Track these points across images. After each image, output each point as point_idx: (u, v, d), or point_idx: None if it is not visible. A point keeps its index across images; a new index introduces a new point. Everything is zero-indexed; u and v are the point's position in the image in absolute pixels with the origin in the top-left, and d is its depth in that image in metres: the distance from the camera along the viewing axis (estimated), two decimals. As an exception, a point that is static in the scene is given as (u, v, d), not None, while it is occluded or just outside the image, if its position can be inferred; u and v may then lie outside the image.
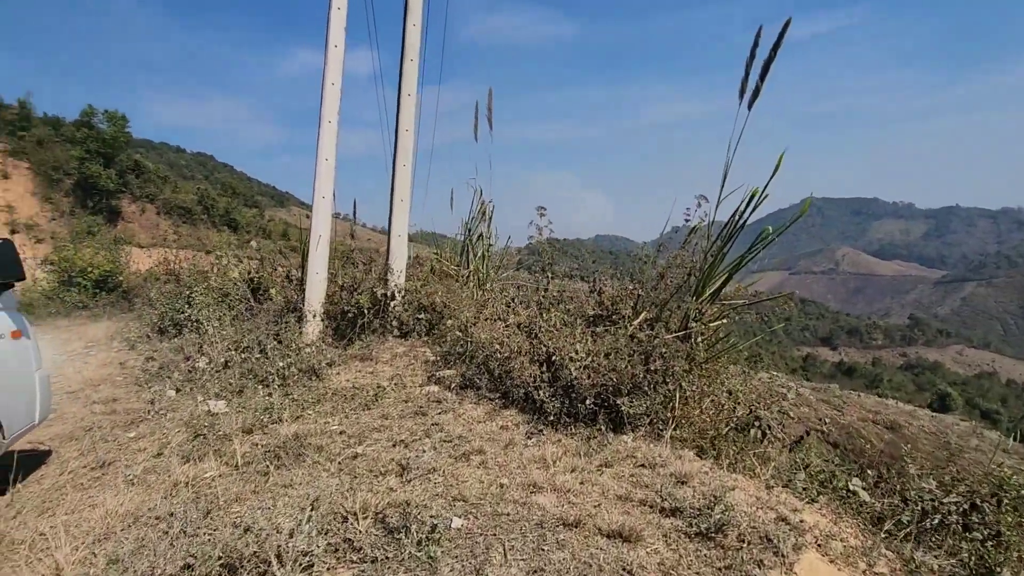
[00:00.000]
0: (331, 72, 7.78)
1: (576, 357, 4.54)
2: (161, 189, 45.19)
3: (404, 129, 8.50)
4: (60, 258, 20.32)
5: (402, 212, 8.46)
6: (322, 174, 7.83)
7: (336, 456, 3.73)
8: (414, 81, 8.47)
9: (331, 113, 7.81)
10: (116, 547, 2.59)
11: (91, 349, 10.11)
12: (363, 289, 7.85)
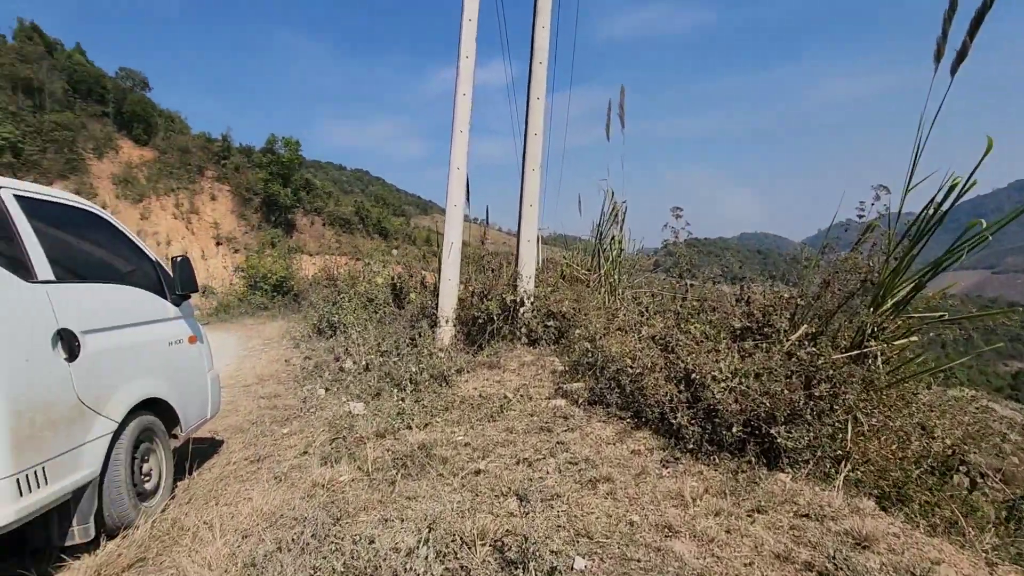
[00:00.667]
0: (462, 83, 7.95)
1: (720, 376, 4.00)
2: (326, 203, 50.97)
3: (533, 133, 8.41)
4: (248, 266, 23.83)
5: (531, 217, 8.37)
6: (454, 182, 8.02)
7: (459, 470, 3.66)
8: (543, 84, 8.34)
9: (462, 123, 7.97)
10: (255, 548, 2.72)
11: (266, 346, 11.54)
12: (493, 295, 7.89)
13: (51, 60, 35.98)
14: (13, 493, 2.40)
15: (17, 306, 2.55)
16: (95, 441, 2.91)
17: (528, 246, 8.33)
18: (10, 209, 2.69)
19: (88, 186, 33.38)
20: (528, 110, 8.48)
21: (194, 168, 41.43)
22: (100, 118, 37.27)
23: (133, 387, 3.26)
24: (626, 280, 8.83)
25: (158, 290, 3.77)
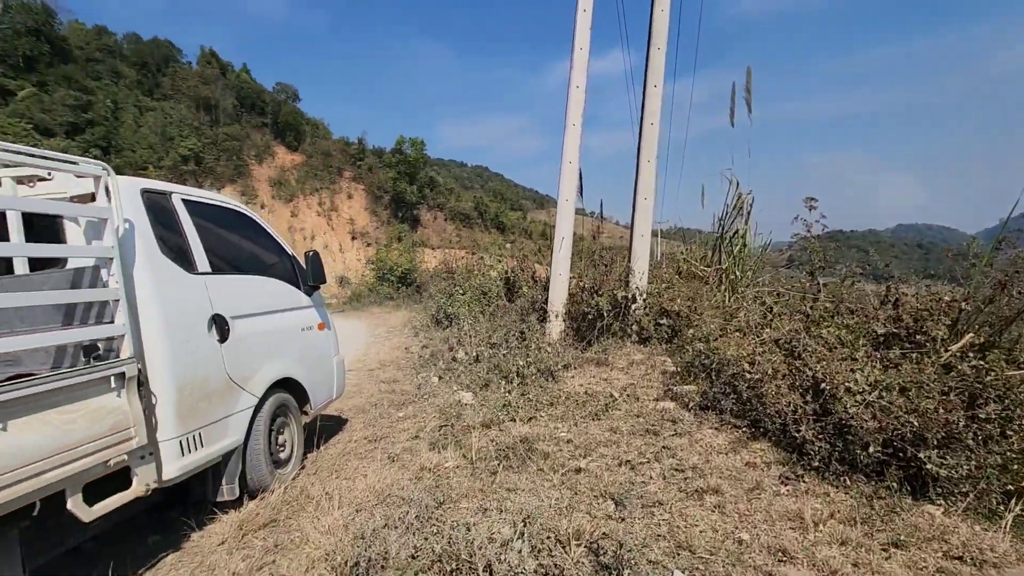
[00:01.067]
0: (576, 75, 7.85)
1: (856, 388, 3.54)
2: (448, 199, 53.47)
3: (649, 123, 8.08)
4: (377, 259, 25.81)
5: (645, 211, 8.06)
6: (566, 176, 7.97)
7: (560, 467, 3.64)
8: (660, 71, 7.97)
9: (575, 116, 7.88)
10: (365, 522, 2.94)
11: (390, 334, 12.42)
12: (604, 291, 7.74)
13: (224, 80, 41.77)
14: (177, 453, 2.83)
15: (181, 294, 2.99)
16: (240, 413, 3.33)
17: (642, 241, 8.04)
18: (178, 210, 3.16)
19: (251, 188, 38.23)
20: (644, 99, 8.16)
21: (334, 170, 45.64)
22: (260, 128, 42.49)
23: (272, 367, 3.68)
24: (750, 277, 8.17)
25: (293, 281, 4.20)
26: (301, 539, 2.94)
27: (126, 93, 34.73)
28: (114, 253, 2.58)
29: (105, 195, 2.61)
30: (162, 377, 2.78)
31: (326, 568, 2.58)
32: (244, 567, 2.71)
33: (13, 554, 2.21)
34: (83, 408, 2.38)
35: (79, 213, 2.56)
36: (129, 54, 39.36)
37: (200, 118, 36.79)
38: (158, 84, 38.87)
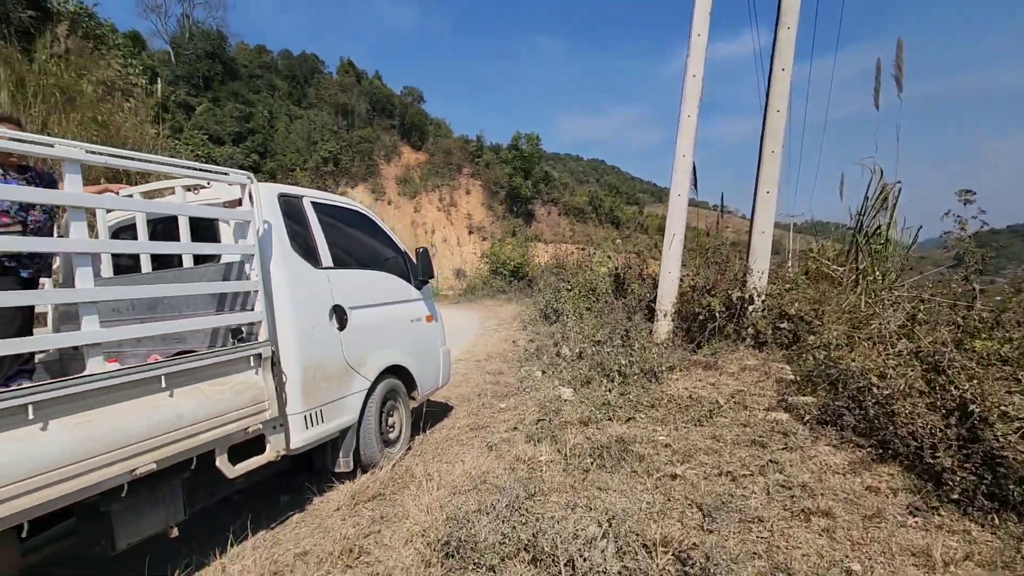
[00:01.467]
0: (693, 63, 7.49)
1: (1014, 413, 3.05)
2: (562, 194, 53.47)
3: (775, 110, 7.48)
4: (491, 253, 26.66)
5: (767, 205, 7.49)
6: (679, 170, 7.65)
7: (655, 471, 3.56)
8: (789, 53, 7.33)
9: (691, 107, 7.53)
10: (459, 505, 3.12)
11: (499, 327, 12.81)
12: (717, 291, 7.34)
13: (359, 87, 45.50)
14: (302, 426, 3.21)
15: (308, 287, 3.38)
16: (355, 394, 3.69)
17: (762, 238, 7.49)
18: (307, 212, 3.56)
19: (380, 186, 41.31)
20: (770, 83, 7.56)
21: (454, 166, 47.69)
22: (389, 130, 45.69)
23: (384, 354, 4.02)
24: (892, 280, 7.26)
25: (405, 276, 4.53)
26: (403, 514, 3.20)
27: (279, 104, 39.16)
28: (255, 250, 2.99)
29: (249, 200, 3.03)
30: (291, 359, 3.18)
31: (422, 543, 2.79)
32: (353, 533, 3.01)
33: (177, 499, 2.67)
34: (230, 382, 2.81)
35: (229, 216, 3.01)
36: (282, 68, 44.35)
37: (338, 123, 40.46)
38: (305, 94, 43.34)
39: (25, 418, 1.94)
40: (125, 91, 12.90)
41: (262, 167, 33.76)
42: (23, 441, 1.92)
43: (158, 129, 13.16)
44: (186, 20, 40.44)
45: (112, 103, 11.77)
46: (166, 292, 2.94)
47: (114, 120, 11.07)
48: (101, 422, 2.17)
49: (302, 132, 37.78)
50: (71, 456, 2.04)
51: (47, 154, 2.13)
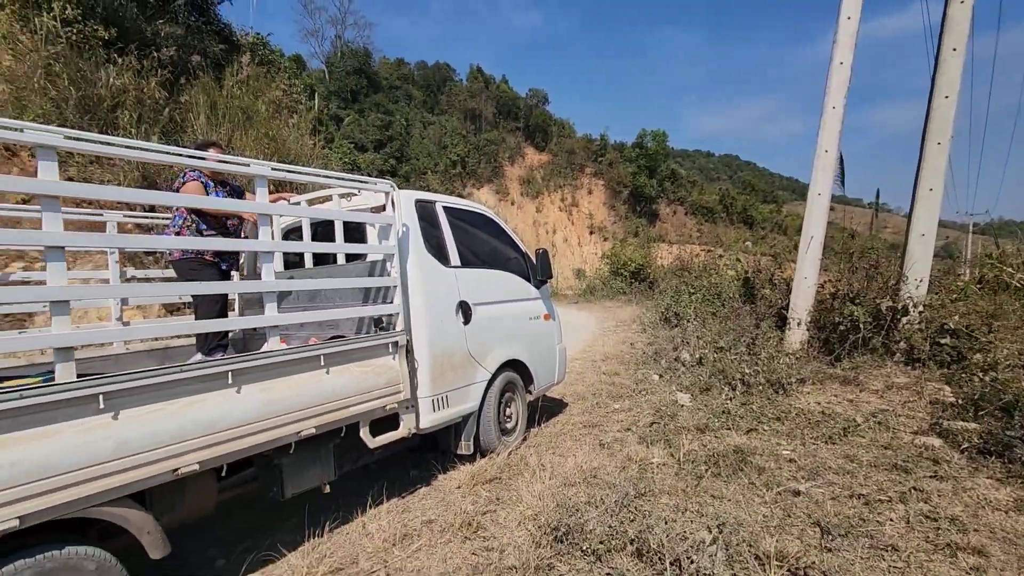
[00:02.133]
0: (840, 50, 6.87)
1: None
2: (689, 192, 51.09)
3: (943, 96, 6.62)
4: (611, 253, 26.36)
5: (930, 205, 6.65)
6: (820, 168, 7.07)
7: (775, 485, 3.40)
8: (963, 30, 6.44)
9: (837, 98, 6.91)
10: (569, 496, 3.26)
11: (617, 328, 12.70)
12: (862, 299, 6.68)
13: (487, 92, 47.38)
14: (430, 408, 3.57)
15: (439, 284, 3.74)
16: (477, 384, 3.99)
17: (922, 241, 6.66)
18: (439, 216, 3.93)
19: (504, 187, 42.67)
20: (936, 67, 6.70)
21: (576, 166, 47.72)
22: (513, 132, 46.99)
23: (503, 349, 4.29)
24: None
25: (525, 275, 4.77)
26: (517, 498, 3.42)
27: (415, 112, 42.13)
28: (395, 250, 3.39)
29: (391, 206, 3.44)
30: (422, 348, 3.54)
31: (532, 526, 2.98)
32: (472, 509, 3.29)
33: (328, 461, 3.14)
34: (372, 364, 3.22)
35: (375, 220, 3.44)
36: (418, 79, 47.63)
37: (466, 127, 42.48)
38: (437, 102, 46.15)
39: (225, 382, 2.44)
40: (289, 108, 14.84)
41: (398, 171, 36.63)
42: (225, 401, 2.42)
43: (314, 140, 14.95)
44: (338, 41, 45.12)
45: (280, 119, 13.62)
46: (325, 285, 3.45)
47: (280, 134, 12.82)
48: (278, 390, 2.64)
49: (434, 137, 40.31)
50: (256, 416, 2.52)
51: (245, 172, 2.64)
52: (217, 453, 2.35)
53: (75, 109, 9.15)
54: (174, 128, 10.83)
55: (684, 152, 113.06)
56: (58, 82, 9.07)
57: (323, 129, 19.02)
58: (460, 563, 2.77)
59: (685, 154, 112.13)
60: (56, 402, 1.89)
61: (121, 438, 2.04)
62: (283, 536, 3.11)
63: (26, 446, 1.83)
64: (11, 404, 1.79)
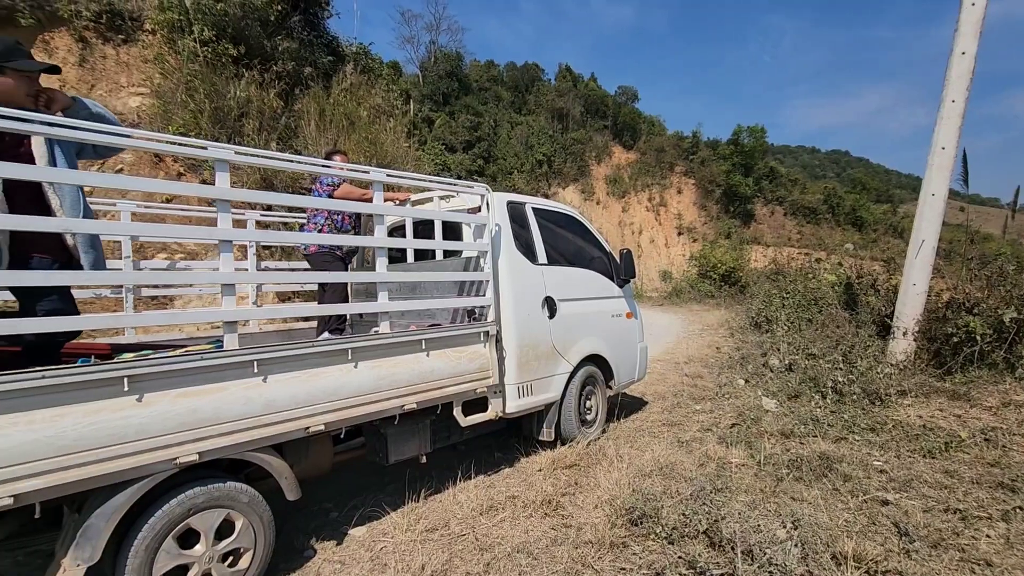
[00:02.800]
0: (962, 39, 6.37)
1: None
2: (789, 191, 48.02)
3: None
4: (700, 255, 25.51)
5: (1067, 206, 5.97)
6: (935, 166, 6.60)
7: (861, 493, 3.34)
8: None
9: (957, 91, 6.42)
10: (644, 484, 3.41)
11: (703, 332, 12.41)
12: (981, 309, 6.15)
13: (575, 91, 47.32)
14: (515, 395, 3.85)
15: (527, 280, 4.01)
16: (559, 376, 4.23)
17: (1056, 246, 6.01)
18: (529, 216, 4.20)
19: (590, 187, 42.47)
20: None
21: (666, 165, 46.44)
22: (601, 131, 46.55)
23: (585, 343, 4.49)
24: None
25: (608, 274, 4.93)
26: (594, 484, 3.62)
27: (503, 113, 42.99)
28: (488, 247, 3.70)
29: (486, 207, 3.75)
30: (510, 338, 3.83)
31: (608, 508, 3.17)
32: (552, 490, 3.53)
33: (424, 436, 3.51)
34: (466, 351, 3.55)
35: (471, 220, 3.78)
36: (507, 80, 48.49)
37: (553, 127, 42.71)
38: (525, 102, 46.75)
39: (346, 358, 2.86)
40: (387, 113, 15.87)
41: (485, 170, 37.60)
42: (345, 374, 2.84)
43: (409, 143, 15.87)
44: (432, 46, 47.01)
45: (379, 124, 14.63)
46: (427, 278, 3.84)
47: (379, 138, 13.77)
48: (386, 368, 3.04)
49: (521, 137, 40.93)
50: (369, 389, 2.92)
51: (367, 178, 3.06)
52: (339, 417, 2.77)
53: (209, 119, 10.46)
54: (289, 134, 12.02)
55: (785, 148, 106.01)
56: (196, 96, 10.42)
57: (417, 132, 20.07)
58: (540, 535, 3.02)
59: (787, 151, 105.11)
60: (225, 364, 2.37)
61: (269, 397, 2.50)
62: (386, 498, 3.54)
63: (203, 398, 2.31)
64: (194, 364, 2.28)
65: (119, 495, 2.10)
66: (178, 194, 3.32)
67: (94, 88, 10.47)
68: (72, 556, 2.02)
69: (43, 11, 10.06)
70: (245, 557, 2.49)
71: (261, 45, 11.68)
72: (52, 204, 2.25)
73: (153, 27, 10.80)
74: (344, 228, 4.21)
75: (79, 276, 2.45)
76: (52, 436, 1.92)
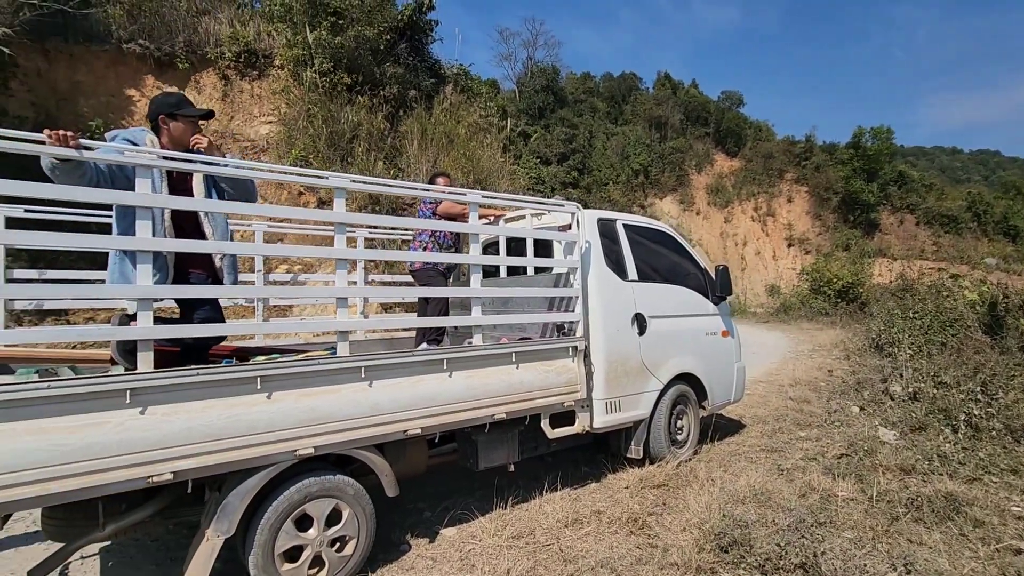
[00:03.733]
0: None
1: None
2: (923, 197, 43.18)
3: None
4: (813, 269, 23.58)
5: None
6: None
7: (994, 540, 2.98)
8: None
9: None
10: (739, 512, 3.28)
11: (814, 352, 11.50)
12: None
13: (674, 98, 45.98)
14: (603, 410, 3.88)
15: (616, 296, 4.04)
16: (648, 393, 4.19)
17: None
18: (619, 233, 4.23)
19: (689, 196, 40.94)
20: None
21: (774, 172, 43.63)
22: (702, 139, 44.76)
23: (676, 361, 4.40)
24: None
25: (703, 291, 4.80)
26: (683, 505, 3.54)
27: (598, 124, 42.76)
28: (578, 264, 3.78)
29: (576, 225, 3.84)
30: (599, 353, 3.87)
31: (697, 531, 3.09)
32: (639, 509, 3.51)
33: (512, 445, 3.64)
34: (554, 365, 3.65)
35: (561, 238, 3.88)
36: (603, 91, 48.21)
37: (651, 136, 41.79)
38: (621, 112, 46.18)
39: (441, 368, 3.08)
40: (484, 129, 16.49)
41: (580, 182, 37.54)
42: (440, 383, 3.06)
43: (504, 158, 16.35)
44: (529, 62, 48.03)
45: (476, 140, 15.25)
46: (517, 293, 4.01)
47: (476, 154, 14.34)
48: (478, 379, 3.21)
49: (616, 148, 40.46)
50: (462, 397, 3.11)
51: (463, 200, 3.28)
52: (434, 423, 2.98)
53: (325, 143, 11.52)
54: (394, 154, 12.91)
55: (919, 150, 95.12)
56: (314, 122, 11.53)
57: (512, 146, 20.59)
58: (625, 552, 3.02)
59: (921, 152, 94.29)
60: (339, 369, 2.66)
61: (374, 401, 2.76)
62: (475, 502, 3.71)
63: (320, 399, 2.61)
64: (314, 368, 2.60)
65: (251, 479, 2.43)
66: (304, 219, 3.76)
67: (233, 119, 11.97)
68: (213, 528, 2.37)
69: (195, 55, 11.68)
70: (350, 544, 2.75)
71: (371, 72, 12.68)
72: (206, 231, 2.69)
73: (281, 62, 12.14)
74: (446, 244, 4.48)
75: (232, 290, 2.88)
76: (203, 424, 2.29)
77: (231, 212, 2.71)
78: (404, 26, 13.62)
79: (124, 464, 2.13)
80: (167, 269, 2.54)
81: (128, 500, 2.46)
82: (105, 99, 10.59)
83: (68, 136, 2.10)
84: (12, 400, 1.96)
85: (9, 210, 3.25)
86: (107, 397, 2.12)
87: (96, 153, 2.23)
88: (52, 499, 2.03)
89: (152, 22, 11.16)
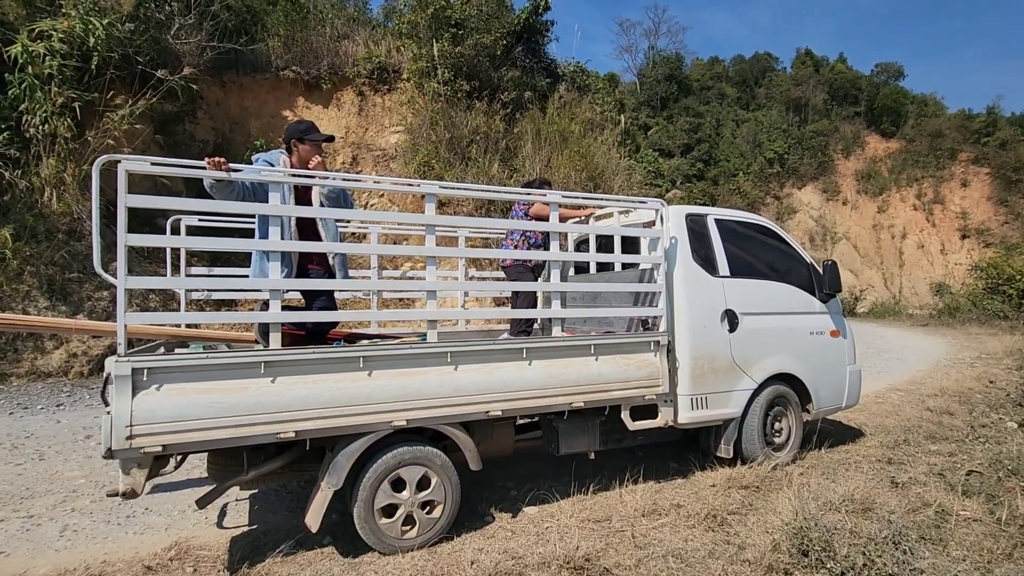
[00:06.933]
0: None
1: None
2: None
3: None
4: (989, 265, 20.10)
5: None
6: None
7: None
8: None
9: None
10: (834, 521, 3.11)
11: (976, 361, 10.00)
12: None
13: (817, 76, 41.61)
14: (688, 406, 3.88)
15: (703, 292, 4.00)
16: (739, 392, 4.08)
17: None
18: (709, 228, 4.16)
19: (833, 184, 36.93)
20: None
21: (944, 153, 37.86)
22: (851, 119, 40.02)
23: (773, 360, 4.23)
24: None
25: (808, 288, 4.52)
26: (770, 508, 3.43)
27: (726, 111, 40.13)
28: (662, 260, 3.81)
29: (660, 221, 3.88)
30: (683, 349, 3.87)
31: (781, 534, 3.00)
32: (721, 506, 3.46)
33: (594, 434, 3.80)
34: (636, 358, 3.73)
35: (646, 234, 3.94)
36: (733, 75, 45.07)
37: (788, 120, 38.33)
38: (754, 96, 42.84)
39: (520, 356, 3.33)
40: (599, 125, 16.41)
41: (705, 174, 35.56)
42: (519, 370, 3.31)
43: (620, 153, 16.14)
44: (651, 51, 46.42)
45: (590, 137, 15.25)
46: (599, 288, 4.14)
47: (590, 151, 14.36)
48: (556, 368, 3.42)
49: (747, 135, 37.69)
50: (539, 384, 3.34)
51: (545, 200, 3.51)
52: (512, 406, 3.25)
53: (446, 148, 12.33)
54: (509, 155, 13.43)
55: None
56: (437, 129, 12.39)
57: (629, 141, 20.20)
58: (698, 546, 3.05)
59: None
60: (427, 354, 3.04)
61: (458, 383, 3.10)
62: (559, 487, 3.92)
63: (411, 378, 3.01)
64: (406, 352, 3.00)
65: (355, 443, 2.89)
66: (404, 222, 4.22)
67: (367, 131, 13.29)
68: (326, 481, 2.86)
69: (337, 76, 13.15)
70: (438, 509, 3.12)
71: (489, 78, 13.32)
72: (322, 234, 3.23)
73: (408, 75, 13.23)
74: (536, 243, 4.74)
75: (353, 283, 3.42)
76: (317, 394, 2.78)
77: (336, 217, 3.23)
78: (520, 29, 14.08)
79: (260, 422, 2.68)
80: (292, 265, 3.09)
81: (265, 452, 3.05)
82: (266, 120, 12.42)
83: (221, 162, 2.68)
84: (187, 366, 2.58)
85: (187, 219, 4.12)
86: (248, 368, 2.68)
87: (241, 174, 2.81)
88: (213, 444, 2.62)
89: (303, 50, 12.81)
